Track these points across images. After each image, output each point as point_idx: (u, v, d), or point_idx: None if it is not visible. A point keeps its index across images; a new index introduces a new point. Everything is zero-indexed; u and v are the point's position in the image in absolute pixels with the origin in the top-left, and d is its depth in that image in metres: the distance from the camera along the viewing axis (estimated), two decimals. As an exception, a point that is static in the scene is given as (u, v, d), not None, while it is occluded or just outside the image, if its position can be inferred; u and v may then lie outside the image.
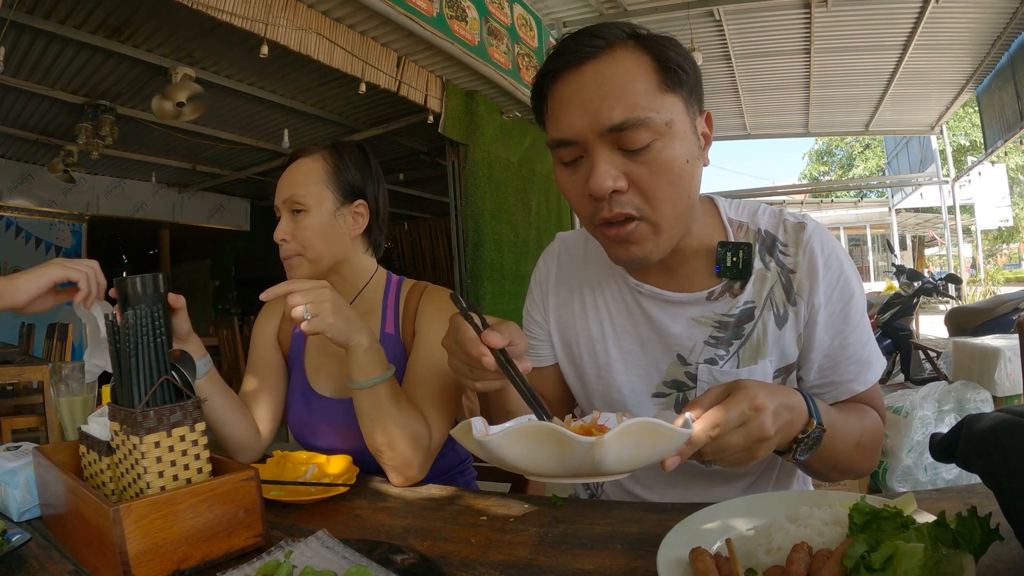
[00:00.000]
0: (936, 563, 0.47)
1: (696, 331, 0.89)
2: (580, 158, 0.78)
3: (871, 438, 0.85)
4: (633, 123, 0.73)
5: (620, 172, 0.75)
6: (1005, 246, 19.52)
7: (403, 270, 9.21)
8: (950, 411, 2.64)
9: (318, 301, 0.91)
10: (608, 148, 0.75)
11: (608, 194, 0.75)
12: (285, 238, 1.11)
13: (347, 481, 0.95)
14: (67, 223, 7.10)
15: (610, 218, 0.77)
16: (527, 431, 0.60)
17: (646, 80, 0.75)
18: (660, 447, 0.61)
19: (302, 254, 1.11)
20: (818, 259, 0.85)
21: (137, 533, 0.64)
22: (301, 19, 2.97)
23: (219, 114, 4.98)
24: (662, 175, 0.75)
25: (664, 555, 0.58)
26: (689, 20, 5.09)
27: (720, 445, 0.65)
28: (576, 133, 0.76)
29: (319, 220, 1.12)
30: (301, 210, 1.11)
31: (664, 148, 0.75)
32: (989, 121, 7.18)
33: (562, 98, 0.78)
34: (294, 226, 1.11)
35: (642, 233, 0.78)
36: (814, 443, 0.72)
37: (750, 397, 0.66)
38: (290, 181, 1.13)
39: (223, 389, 1.08)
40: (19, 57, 3.73)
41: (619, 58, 0.75)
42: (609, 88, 0.74)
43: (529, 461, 0.61)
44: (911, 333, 5.12)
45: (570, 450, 0.58)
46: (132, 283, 0.92)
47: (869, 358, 0.87)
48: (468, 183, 4.23)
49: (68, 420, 1.01)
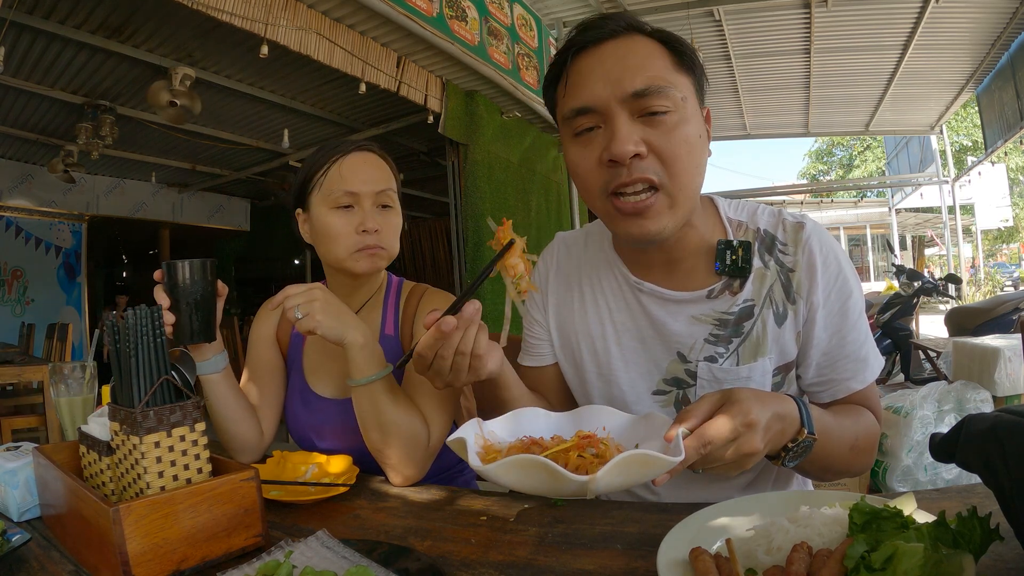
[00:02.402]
0: (936, 563, 0.47)
1: (696, 329, 0.89)
2: (596, 128, 0.80)
3: (866, 440, 0.85)
4: (655, 90, 0.77)
5: (640, 139, 0.78)
6: (1005, 246, 19.51)
7: (403, 270, 9.21)
8: (950, 411, 2.64)
9: (308, 301, 0.93)
10: (628, 115, 0.78)
11: (629, 158, 0.77)
12: (378, 228, 1.08)
13: (347, 481, 0.95)
14: (67, 223, 7.09)
15: (628, 183, 0.78)
16: (521, 464, 0.62)
17: (663, 58, 0.80)
18: (650, 472, 0.63)
19: (386, 248, 1.11)
20: (817, 258, 0.86)
21: (137, 533, 0.64)
22: (301, 19, 2.97)
23: (219, 114, 4.98)
24: (680, 144, 0.78)
25: (664, 555, 0.58)
26: (689, 20, 5.09)
27: (709, 458, 0.67)
28: (597, 99, 0.79)
29: (400, 222, 1.15)
30: (390, 207, 1.13)
31: (680, 120, 0.79)
32: (989, 121, 7.18)
33: (583, 70, 0.81)
34: (383, 220, 1.11)
35: (659, 207, 0.79)
36: (804, 451, 0.73)
37: (744, 412, 0.67)
38: (379, 176, 1.12)
39: (236, 385, 1.09)
40: (19, 57, 3.73)
41: (636, 39, 0.81)
42: (631, 60, 0.79)
43: (524, 487, 0.65)
44: (911, 333, 5.11)
45: (563, 483, 0.61)
46: (182, 267, 0.92)
47: (867, 356, 0.87)
48: (468, 183, 4.23)
49: (68, 420, 1.01)
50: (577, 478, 0.59)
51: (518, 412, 0.83)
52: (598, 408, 0.84)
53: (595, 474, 0.59)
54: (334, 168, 1.10)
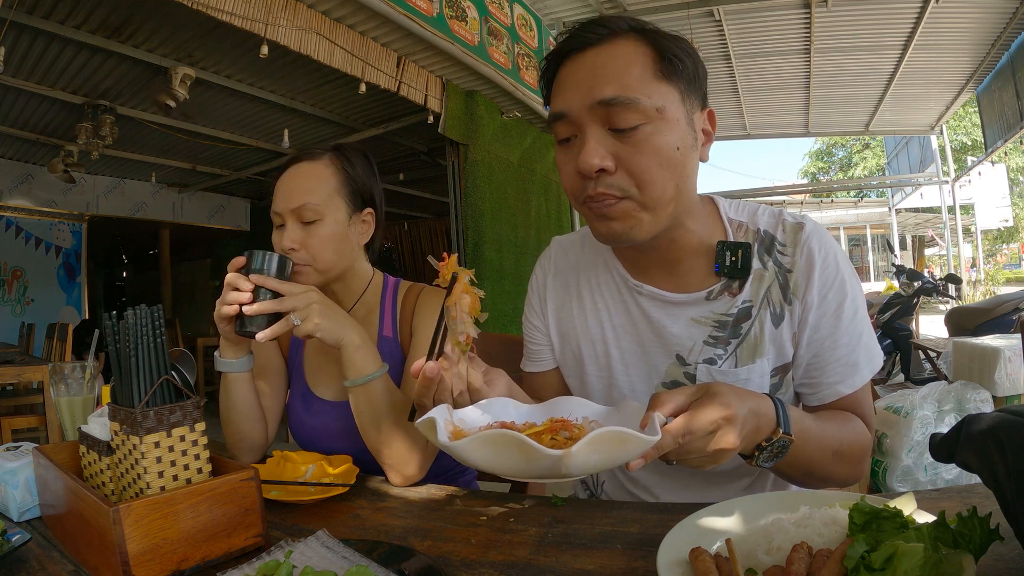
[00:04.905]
0: (936, 563, 0.47)
1: (695, 331, 0.89)
2: (574, 137, 0.81)
3: (852, 447, 0.83)
4: (623, 101, 0.76)
5: (608, 152, 0.77)
6: (1005, 246, 19.51)
7: (403, 270, 9.20)
8: (950, 411, 2.63)
9: (304, 305, 0.92)
10: (598, 126, 0.78)
11: (594, 172, 0.77)
12: (295, 247, 1.05)
13: (347, 481, 0.95)
14: (67, 223, 7.10)
15: (594, 196, 0.79)
16: (492, 440, 0.61)
17: (642, 66, 0.78)
18: (626, 452, 0.62)
19: (311, 265, 1.06)
20: (815, 258, 0.86)
21: (137, 533, 0.64)
22: (301, 19, 2.97)
23: (219, 114, 4.98)
24: (651, 158, 0.77)
25: (664, 555, 0.58)
26: (689, 20, 5.09)
27: (686, 449, 0.67)
28: (569, 107, 0.79)
29: (333, 230, 1.07)
30: (313, 220, 1.06)
31: (653, 132, 0.77)
32: (989, 121, 7.18)
33: (563, 78, 0.82)
34: (305, 235, 1.06)
35: (624, 209, 0.79)
36: (779, 451, 0.73)
37: (723, 405, 0.66)
38: (300, 188, 1.07)
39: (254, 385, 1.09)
40: (19, 57, 3.73)
41: (619, 45, 0.79)
42: (605, 69, 0.78)
43: (495, 465, 0.63)
44: (911, 333, 5.11)
45: (535, 459, 0.60)
46: (264, 258, 0.94)
47: (857, 361, 0.86)
48: (468, 183, 4.23)
49: (68, 420, 1.01)
50: (552, 452, 0.58)
51: (490, 401, 0.81)
52: (571, 399, 0.83)
53: (570, 448, 0.58)
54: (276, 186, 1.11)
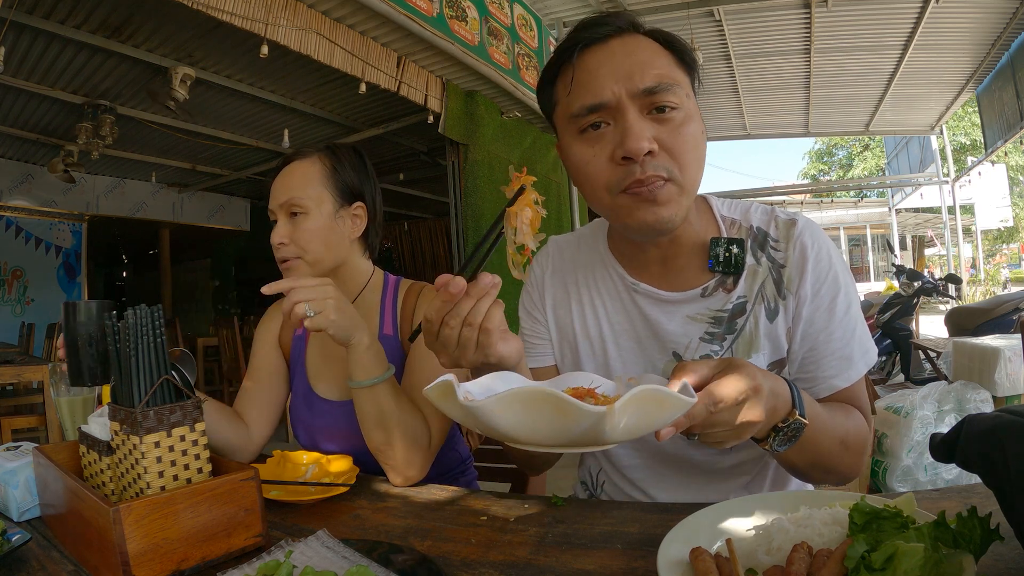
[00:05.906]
0: (936, 563, 0.47)
1: (692, 328, 0.89)
2: (604, 125, 0.80)
3: (856, 438, 0.84)
4: (665, 86, 0.78)
5: (651, 136, 0.78)
6: (1005, 246, 19.51)
7: (403, 270, 9.21)
8: (950, 411, 2.63)
9: (321, 298, 0.90)
10: (639, 112, 0.79)
11: (643, 154, 0.77)
12: (284, 241, 1.10)
13: (347, 481, 0.95)
14: (67, 223, 7.10)
15: (643, 180, 0.78)
16: (524, 399, 0.53)
17: (666, 56, 0.82)
18: (662, 415, 0.58)
19: (301, 257, 1.11)
20: (808, 252, 0.86)
21: (137, 533, 0.64)
22: (301, 19, 2.98)
23: (219, 114, 4.98)
24: (687, 140, 0.79)
25: (664, 555, 0.58)
26: (689, 20, 5.09)
27: (714, 420, 0.64)
28: (610, 96, 0.79)
29: (318, 223, 1.11)
30: (300, 213, 1.11)
31: (686, 117, 0.80)
32: (989, 121, 7.18)
33: (591, 67, 0.81)
34: (292, 229, 1.10)
35: (670, 193, 0.80)
36: (794, 434, 0.72)
37: (750, 376, 0.65)
38: (287, 184, 1.12)
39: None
40: (19, 57, 3.73)
41: (640, 37, 0.82)
42: (639, 57, 0.80)
43: (523, 429, 0.55)
44: (911, 333, 5.11)
45: (575, 420, 0.52)
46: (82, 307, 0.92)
47: (852, 355, 0.87)
48: (468, 183, 4.23)
49: (68, 420, 1.01)
50: (595, 409, 0.51)
51: (496, 375, 0.73)
52: (579, 374, 0.78)
53: (613, 405, 0.51)
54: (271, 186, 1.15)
